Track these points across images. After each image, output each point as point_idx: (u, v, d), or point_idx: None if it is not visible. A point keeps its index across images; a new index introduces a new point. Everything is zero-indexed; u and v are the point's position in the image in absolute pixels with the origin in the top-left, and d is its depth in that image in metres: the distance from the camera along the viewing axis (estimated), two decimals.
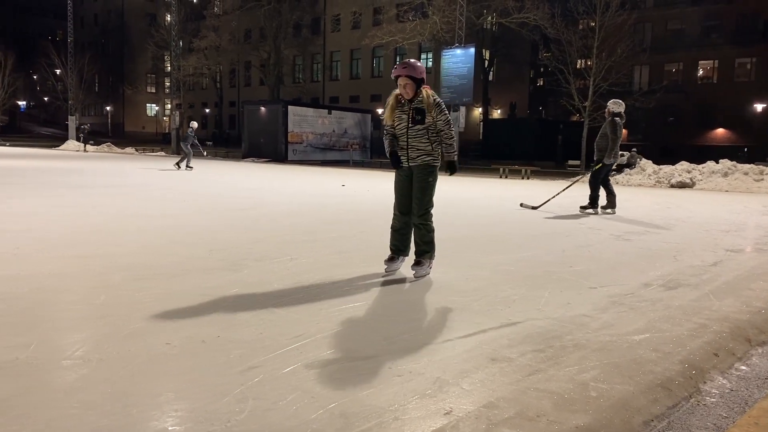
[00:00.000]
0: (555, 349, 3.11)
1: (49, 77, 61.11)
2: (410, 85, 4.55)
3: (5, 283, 4.08)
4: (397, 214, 4.81)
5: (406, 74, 4.52)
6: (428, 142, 4.63)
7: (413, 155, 4.65)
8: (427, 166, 4.65)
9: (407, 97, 4.59)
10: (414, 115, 4.59)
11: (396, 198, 4.80)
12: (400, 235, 4.82)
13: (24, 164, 20.17)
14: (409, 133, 4.63)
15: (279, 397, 2.42)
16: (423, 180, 4.65)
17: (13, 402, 2.30)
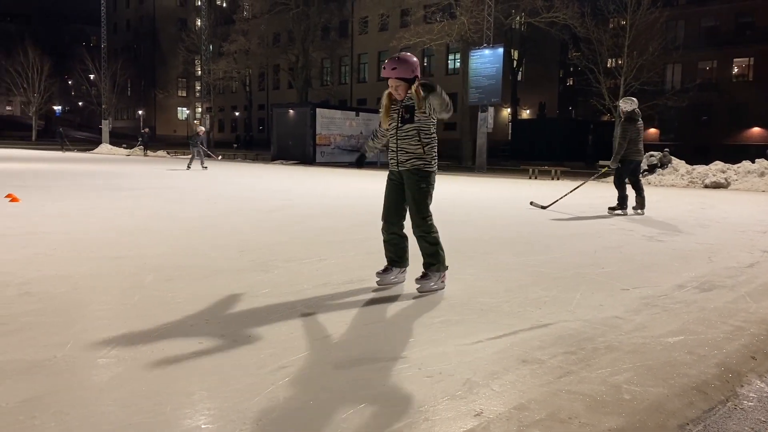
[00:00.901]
0: (587, 351, 3.07)
1: (84, 82, 62.56)
2: (402, 87, 4.11)
3: (42, 283, 4.18)
4: (383, 223, 4.37)
5: (395, 76, 4.08)
6: (419, 144, 4.16)
7: (402, 158, 4.20)
8: (418, 171, 4.18)
9: (399, 98, 4.17)
10: (403, 113, 4.17)
11: (384, 204, 4.37)
12: (391, 245, 4.38)
13: (60, 167, 20.62)
14: (399, 134, 4.21)
15: (309, 397, 2.43)
16: (415, 187, 4.18)
17: (51, 399, 2.35)
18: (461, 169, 28.65)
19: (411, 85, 4.12)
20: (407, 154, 4.18)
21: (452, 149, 41.36)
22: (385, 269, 4.40)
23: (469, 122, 31.75)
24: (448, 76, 46.61)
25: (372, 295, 4.11)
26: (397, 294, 4.16)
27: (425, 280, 4.23)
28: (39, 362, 2.72)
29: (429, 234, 4.26)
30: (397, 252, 4.37)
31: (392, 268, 4.40)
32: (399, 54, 4.21)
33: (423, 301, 4.01)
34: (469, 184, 17.19)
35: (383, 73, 4.15)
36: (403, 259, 4.41)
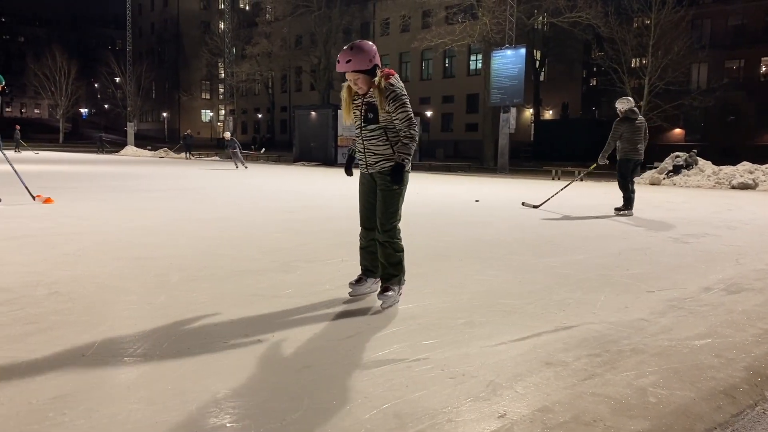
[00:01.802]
0: (612, 354, 3.04)
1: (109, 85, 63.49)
2: (362, 80, 3.69)
3: (71, 282, 4.25)
4: (361, 229, 4.06)
5: (351, 69, 3.66)
6: (387, 144, 3.77)
7: (371, 161, 3.84)
8: (389, 174, 3.81)
9: (361, 92, 3.76)
10: (365, 112, 3.77)
11: (360, 209, 4.04)
12: (368, 253, 4.05)
13: (88, 169, 20.95)
14: (364, 134, 3.84)
15: (333, 397, 2.44)
16: (385, 188, 3.83)
17: (79, 396, 2.39)
18: (483, 170, 28.54)
19: (372, 77, 3.71)
20: (376, 155, 3.82)
21: (474, 150, 41.25)
22: (359, 279, 4.07)
23: (491, 123, 31.60)
24: (469, 77, 46.48)
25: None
26: (419, 296, 4.15)
27: (388, 294, 3.83)
28: (68, 360, 2.77)
29: (395, 241, 3.89)
30: (373, 260, 4.02)
31: (366, 278, 4.07)
32: (353, 43, 3.75)
33: (446, 302, 4.00)
34: (490, 185, 17.11)
35: (338, 67, 3.73)
36: (379, 269, 4.04)
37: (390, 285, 3.88)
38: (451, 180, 19.91)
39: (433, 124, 48.35)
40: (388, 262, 3.89)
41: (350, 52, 3.66)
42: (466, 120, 47.59)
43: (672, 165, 19.14)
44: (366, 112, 3.77)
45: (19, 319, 3.36)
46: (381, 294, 3.83)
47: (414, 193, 13.31)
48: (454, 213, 9.62)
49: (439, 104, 48.87)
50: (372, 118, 3.75)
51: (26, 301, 3.73)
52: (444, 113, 49.10)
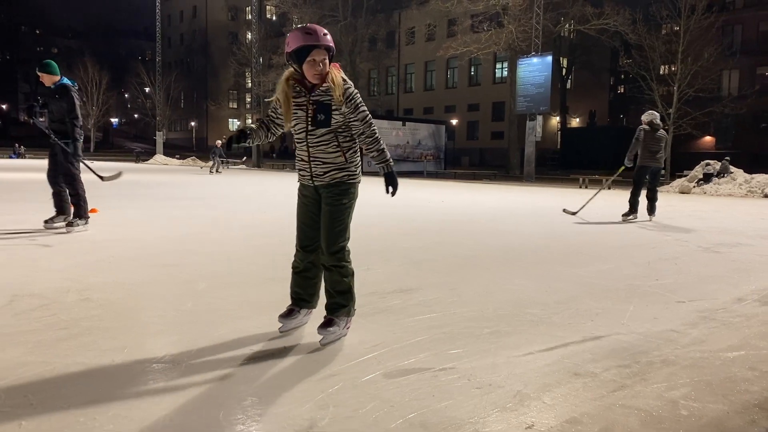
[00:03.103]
0: (641, 365, 2.99)
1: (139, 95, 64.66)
2: (326, 64, 3.08)
3: (101, 289, 4.32)
4: (299, 249, 3.38)
5: (327, 44, 3.04)
6: (338, 151, 3.18)
7: (319, 171, 3.20)
8: (339, 185, 3.22)
9: (315, 80, 3.08)
10: (316, 112, 3.10)
11: (298, 227, 3.37)
12: (304, 279, 3.40)
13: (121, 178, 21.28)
14: (310, 140, 3.16)
15: (359, 405, 2.44)
16: (334, 203, 3.21)
17: (110, 402, 2.42)
18: (509, 178, 28.38)
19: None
20: (325, 165, 3.19)
21: (499, 158, 41.06)
22: (290, 311, 3.39)
23: (517, 131, 31.45)
24: (495, 85, 46.33)
25: (419, 305, 4.10)
26: (443, 306, 4.14)
27: (331, 329, 3.20)
28: (98, 366, 2.82)
29: (344, 264, 3.27)
30: (309, 288, 3.41)
31: (299, 310, 3.43)
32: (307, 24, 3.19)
33: (471, 311, 3.97)
34: (517, 194, 17.00)
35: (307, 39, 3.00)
36: (315, 298, 3.46)
37: (335, 317, 3.26)
38: (476, 188, 19.83)
39: (458, 132, 48.27)
40: (335, 290, 3.28)
41: (318, 26, 3.06)
42: (491, 128, 47.42)
43: (702, 173, 18.83)
44: (315, 112, 3.10)
45: (51, 324, 3.43)
46: (322, 328, 3.18)
47: (439, 201, 13.29)
48: (480, 221, 9.57)
49: (464, 112, 48.77)
50: (323, 120, 3.10)
51: (58, 307, 3.80)
52: (469, 121, 48.99)
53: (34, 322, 3.45)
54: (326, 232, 3.23)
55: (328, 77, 3.08)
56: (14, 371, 2.71)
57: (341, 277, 3.27)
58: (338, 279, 3.27)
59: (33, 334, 3.24)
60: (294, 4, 41.79)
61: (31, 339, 3.16)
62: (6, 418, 2.26)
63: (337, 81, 3.08)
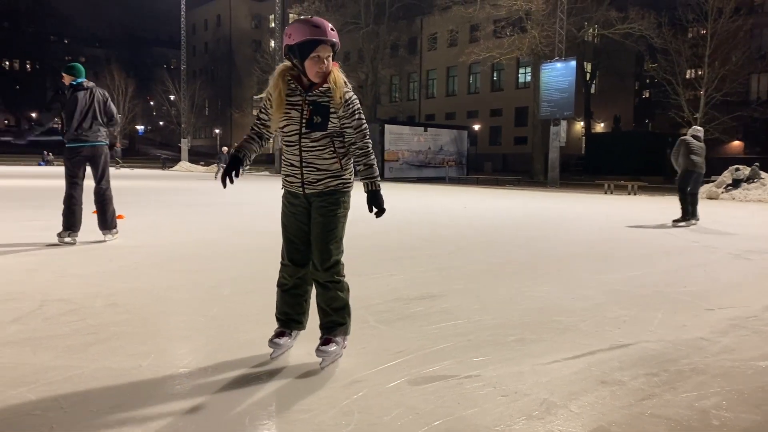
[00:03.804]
0: (670, 374, 2.94)
1: (164, 103, 65.58)
2: (330, 61, 2.87)
3: (128, 294, 4.37)
4: (287, 264, 3.08)
5: (333, 40, 2.81)
6: (334, 157, 2.92)
7: (312, 178, 2.92)
8: (333, 194, 2.95)
9: (322, 79, 2.85)
10: (312, 114, 2.86)
11: (285, 240, 3.08)
12: (291, 297, 3.10)
13: (145, 184, 21.61)
14: (303, 144, 2.89)
15: (383, 412, 2.43)
16: (327, 213, 2.95)
17: (137, 406, 2.45)
18: (532, 183, 28.20)
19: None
20: (319, 172, 2.92)
21: (523, 163, 40.83)
22: (280, 335, 3.08)
23: (541, 136, 31.26)
24: (518, 90, 46.13)
25: (443, 312, 4.08)
26: (468, 313, 4.11)
27: (330, 349, 2.94)
28: (126, 370, 2.85)
29: (341, 279, 3.03)
30: (298, 307, 3.12)
31: (289, 333, 3.13)
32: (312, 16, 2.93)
33: (496, 318, 3.94)
34: (541, 199, 16.88)
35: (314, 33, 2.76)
36: (305, 318, 3.17)
37: (333, 336, 3.00)
38: (500, 194, 19.74)
39: (481, 138, 48.11)
40: (332, 308, 3.01)
41: (326, 21, 2.83)
42: (514, 133, 47.19)
43: (731, 178, 18.51)
44: (311, 114, 2.85)
45: (79, 329, 3.47)
46: (321, 349, 2.93)
47: (462, 207, 13.24)
48: (503, 227, 9.51)
49: (487, 117, 48.61)
50: (319, 123, 2.85)
51: (86, 312, 3.86)
52: (492, 126, 48.81)
53: (64, 327, 3.51)
54: (320, 245, 2.95)
55: (330, 77, 2.85)
56: (44, 375, 2.75)
57: (338, 293, 3.01)
58: (335, 295, 3.00)
59: (62, 339, 3.29)
60: (316, 12, 42.06)
61: (61, 343, 3.21)
62: (37, 421, 2.29)
63: (339, 82, 2.86)
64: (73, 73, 6.77)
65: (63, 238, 6.66)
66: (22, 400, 2.47)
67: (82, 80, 6.77)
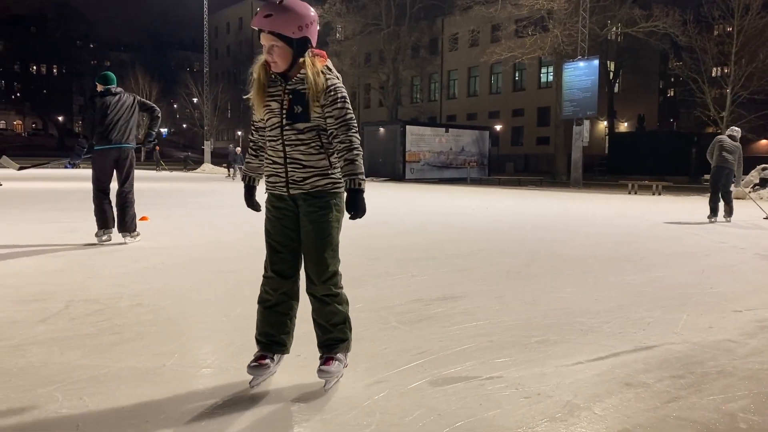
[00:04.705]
0: (696, 376, 2.89)
1: (188, 105, 66.30)
2: (279, 51, 2.55)
3: (152, 294, 4.43)
4: (272, 276, 2.76)
5: (269, 29, 2.52)
6: (321, 152, 2.63)
7: (297, 177, 2.63)
8: (322, 195, 2.64)
9: (277, 69, 2.59)
10: (291, 104, 2.60)
11: (268, 249, 2.79)
12: (275, 315, 2.74)
13: (169, 186, 21.86)
14: (286, 137, 2.62)
15: (405, 413, 2.43)
16: (319, 220, 2.64)
17: (161, 405, 2.48)
18: (555, 184, 27.98)
19: (296, 53, 2.58)
20: (305, 169, 2.63)
21: (545, 164, 40.53)
22: (260, 358, 2.70)
23: (563, 136, 31.00)
24: (540, 90, 45.80)
25: (464, 313, 4.07)
26: (489, 313, 4.09)
27: (333, 369, 2.66)
28: (150, 370, 2.88)
29: (338, 293, 2.73)
30: (283, 327, 2.76)
31: (272, 357, 2.75)
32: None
33: (518, 320, 3.92)
34: (564, 200, 16.74)
35: (253, 22, 2.59)
36: (290, 340, 2.81)
37: (335, 355, 2.70)
38: (522, 194, 19.61)
39: (502, 138, 47.85)
40: (331, 323, 2.70)
41: (274, 6, 2.53)
42: (537, 133, 46.86)
43: (759, 178, 18.19)
44: (291, 104, 2.61)
45: (105, 329, 3.53)
46: (323, 369, 2.64)
47: (484, 208, 13.19)
48: (525, 228, 9.45)
49: (509, 118, 48.35)
50: (300, 113, 2.59)
51: (112, 312, 3.91)
52: (514, 127, 48.54)
53: (90, 327, 3.56)
54: (315, 256, 2.66)
55: (304, 66, 2.58)
56: (71, 374, 2.79)
57: (337, 306, 2.70)
58: (334, 310, 2.69)
59: (88, 338, 3.34)
60: (338, 14, 42.22)
61: (87, 343, 3.26)
62: (64, 418, 2.33)
63: (315, 69, 2.57)
64: (103, 81, 6.98)
65: (101, 237, 6.85)
66: (49, 399, 2.51)
67: (110, 86, 6.94)
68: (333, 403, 2.52)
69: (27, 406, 2.44)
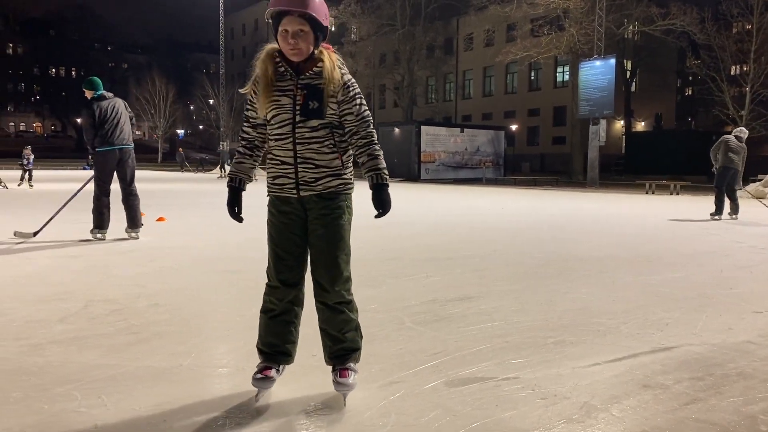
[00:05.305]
0: (716, 378, 2.85)
1: (204, 107, 66.79)
2: (306, 37, 2.38)
3: (168, 295, 4.46)
4: (276, 285, 2.58)
5: (301, 10, 2.33)
6: (334, 151, 2.50)
7: (309, 177, 2.48)
8: (335, 197, 2.51)
9: (300, 57, 2.40)
10: (306, 99, 2.43)
11: (273, 256, 2.60)
12: (280, 324, 2.60)
13: (186, 187, 22.03)
14: (298, 134, 2.46)
15: (420, 414, 2.42)
16: (331, 223, 2.50)
17: (178, 404, 2.49)
18: (572, 184, 27.80)
19: (317, 45, 2.43)
20: (318, 169, 2.48)
21: (561, 163, 40.28)
22: (266, 369, 2.57)
23: (580, 135, 30.79)
24: (556, 89, 45.55)
25: (481, 313, 4.05)
26: (506, 313, 4.07)
27: (350, 381, 2.53)
28: (167, 369, 2.90)
29: (351, 299, 2.60)
30: (288, 336, 2.61)
31: (277, 368, 2.60)
32: None
33: (535, 320, 3.89)
34: (581, 200, 16.62)
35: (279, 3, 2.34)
36: (294, 349, 2.66)
37: (349, 366, 2.58)
38: (538, 194, 19.51)
39: (518, 138, 47.65)
40: (343, 333, 2.55)
41: None
42: (552, 133, 46.61)
43: None
44: (306, 98, 2.43)
45: (122, 329, 3.56)
46: (340, 382, 2.51)
47: (500, 209, 13.13)
48: (542, 228, 9.40)
49: (524, 117, 48.13)
50: (315, 108, 2.43)
51: (129, 312, 3.95)
52: (530, 126, 48.31)
53: (108, 327, 3.59)
54: (328, 261, 2.50)
55: (322, 59, 2.43)
56: (89, 373, 2.82)
57: (350, 314, 2.57)
58: (348, 318, 2.55)
59: (106, 338, 3.37)
60: (353, 14, 42.25)
61: (105, 342, 3.29)
62: (82, 418, 2.35)
63: (332, 63, 2.43)
64: (92, 87, 7.21)
65: (95, 234, 7.16)
66: (68, 398, 2.54)
67: (101, 92, 7.19)
68: (348, 403, 2.51)
69: (46, 405, 2.46)
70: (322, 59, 2.43)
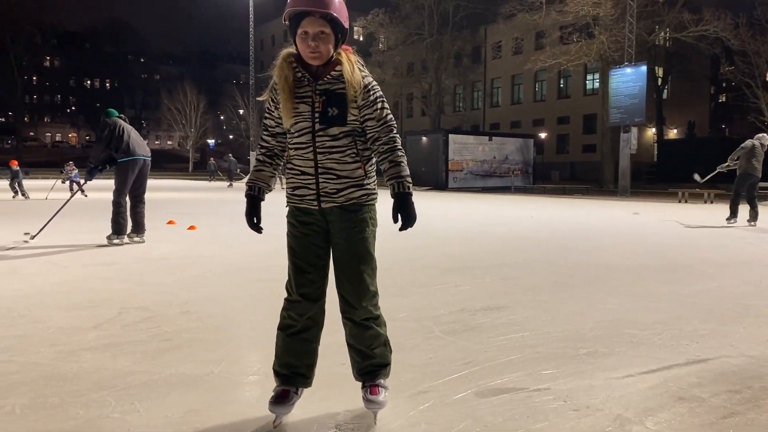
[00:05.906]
0: (754, 391, 2.78)
1: (234, 117, 67.69)
2: (327, 39, 2.28)
3: (200, 303, 4.51)
4: (298, 300, 2.47)
5: (323, 10, 2.23)
6: (357, 160, 2.38)
7: (331, 188, 2.36)
8: (359, 209, 2.41)
9: (319, 60, 2.30)
10: (325, 105, 2.32)
11: (294, 270, 2.51)
12: (299, 342, 2.48)
13: (216, 196, 22.31)
14: (318, 143, 2.34)
15: (450, 424, 2.40)
16: (355, 236, 2.40)
17: (209, 412, 2.51)
18: (602, 192, 27.44)
19: (336, 48, 2.34)
20: (340, 180, 2.36)
21: (591, 172, 39.79)
22: (283, 394, 2.43)
23: (610, 143, 30.42)
24: (586, 97, 45.11)
25: (511, 323, 4.01)
26: (535, 323, 4.03)
27: (381, 398, 2.43)
28: (199, 377, 2.93)
29: (379, 315, 2.49)
30: (307, 357, 2.50)
31: (295, 391, 2.46)
32: None
33: (566, 331, 3.84)
34: (612, 209, 16.39)
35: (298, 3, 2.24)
36: (313, 372, 2.53)
37: (380, 383, 2.46)
38: (568, 203, 19.30)
39: (547, 146, 47.26)
40: (372, 349, 2.46)
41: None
42: (582, 141, 46.12)
43: None
44: (324, 105, 2.32)
45: (155, 336, 3.61)
46: (371, 399, 2.41)
47: (529, 217, 13.02)
48: (573, 237, 9.29)
49: (553, 125, 47.74)
50: (336, 115, 2.31)
51: (161, 319, 4.00)
52: (559, 134, 47.88)
53: (141, 334, 3.65)
54: (353, 276, 2.40)
55: (340, 62, 2.31)
56: (123, 380, 2.86)
57: (378, 330, 2.46)
58: (375, 334, 2.45)
59: (139, 345, 3.42)
60: (381, 24, 42.48)
61: (138, 349, 3.34)
62: (116, 424, 2.39)
63: (351, 66, 2.31)
64: (110, 115, 7.88)
65: (112, 240, 7.58)
66: (102, 404, 2.58)
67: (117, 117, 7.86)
68: (378, 412, 2.51)
69: (81, 411, 2.51)
70: (341, 62, 2.31)
